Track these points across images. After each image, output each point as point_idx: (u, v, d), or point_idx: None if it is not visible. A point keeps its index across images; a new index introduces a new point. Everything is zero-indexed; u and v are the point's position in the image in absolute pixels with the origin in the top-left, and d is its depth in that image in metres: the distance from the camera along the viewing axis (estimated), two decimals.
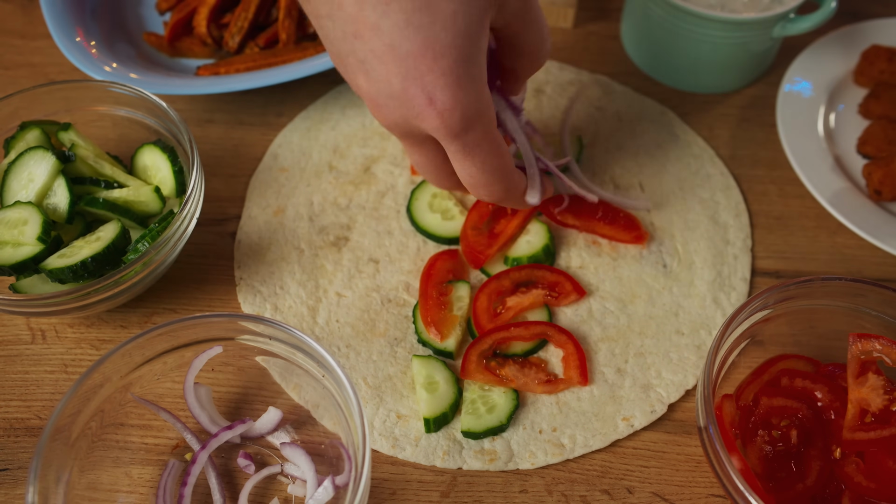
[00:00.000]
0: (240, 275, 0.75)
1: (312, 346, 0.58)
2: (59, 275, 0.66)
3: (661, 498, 0.64)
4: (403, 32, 0.50)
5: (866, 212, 0.77)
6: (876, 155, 0.81)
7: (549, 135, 0.84)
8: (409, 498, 0.63)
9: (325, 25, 0.53)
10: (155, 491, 0.62)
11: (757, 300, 0.62)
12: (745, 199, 0.81)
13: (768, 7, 0.81)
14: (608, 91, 0.89)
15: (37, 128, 0.74)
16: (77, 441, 0.58)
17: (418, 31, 0.50)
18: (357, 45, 0.52)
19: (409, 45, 0.50)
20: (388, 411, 0.67)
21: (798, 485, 0.61)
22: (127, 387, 0.61)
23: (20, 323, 0.72)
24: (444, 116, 0.53)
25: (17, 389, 0.68)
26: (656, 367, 0.70)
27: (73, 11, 0.86)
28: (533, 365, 0.69)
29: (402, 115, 0.54)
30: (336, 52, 0.55)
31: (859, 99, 0.86)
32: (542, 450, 0.65)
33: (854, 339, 0.63)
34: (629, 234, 0.76)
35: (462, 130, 0.55)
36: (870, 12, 0.95)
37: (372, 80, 0.53)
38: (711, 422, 0.57)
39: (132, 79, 0.80)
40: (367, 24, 0.50)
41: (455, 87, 0.52)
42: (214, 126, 0.86)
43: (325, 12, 0.52)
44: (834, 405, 0.63)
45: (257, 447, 0.65)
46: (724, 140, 0.86)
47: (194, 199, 0.68)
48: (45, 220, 0.68)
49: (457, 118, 0.54)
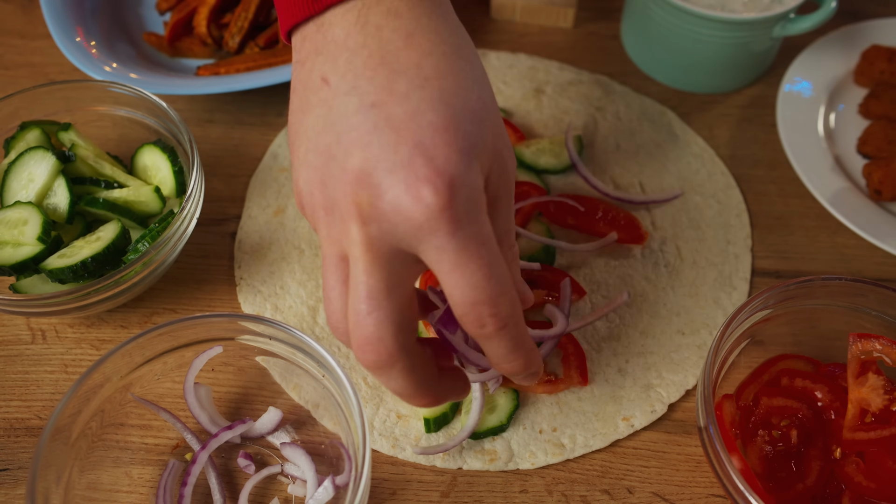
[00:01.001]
0: (240, 275, 0.75)
1: (312, 346, 0.58)
2: (59, 275, 0.66)
3: (662, 498, 0.64)
4: (434, 105, 0.46)
5: (866, 212, 0.77)
6: (876, 155, 0.81)
7: (549, 135, 0.84)
8: (409, 498, 0.63)
9: (340, 104, 0.47)
10: (155, 491, 0.62)
11: (757, 300, 0.62)
12: (745, 199, 0.81)
13: (768, 7, 0.81)
14: (608, 91, 0.89)
15: (37, 128, 0.74)
16: (77, 441, 0.58)
17: (448, 109, 0.46)
18: (372, 113, 0.46)
19: (434, 116, 0.46)
20: (388, 411, 0.67)
21: (798, 485, 0.61)
22: (127, 387, 0.61)
23: (20, 323, 0.72)
24: (448, 194, 0.44)
25: (17, 389, 0.68)
26: (657, 367, 0.70)
27: (72, 11, 0.86)
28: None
29: (397, 193, 0.45)
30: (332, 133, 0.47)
31: (859, 99, 0.86)
32: (542, 450, 0.65)
33: (854, 339, 0.63)
34: (629, 233, 0.76)
35: (465, 218, 0.45)
36: (870, 12, 0.95)
37: (373, 151, 0.45)
38: (711, 422, 0.57)
39: (132, 79, 0.80)
40: (396, 94, 0.46)
41: (466, 166, 0.45)
42: (214, 126, 0.86)
43: (345, 90, 0.47)
44: (834, 405, 0.63)
45: (257, 447, 0.65)
46: (724, 140, 0.86)
47: (194, 199, 0.68)
48: (45, 220, 0.68)
49: (461, 200, 0.45)
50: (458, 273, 0.45)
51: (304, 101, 0.49)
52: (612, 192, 0.79)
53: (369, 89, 0.46)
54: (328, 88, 0.47)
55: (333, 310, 0.50)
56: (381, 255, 0.46)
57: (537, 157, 0.81)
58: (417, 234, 0.45)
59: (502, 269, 0.47)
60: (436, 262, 0.46)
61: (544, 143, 0.82)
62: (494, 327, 0.47)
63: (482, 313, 0.47)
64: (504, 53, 0.92)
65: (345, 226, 0.46)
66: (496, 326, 0.47)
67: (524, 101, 0.87)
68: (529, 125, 0.85)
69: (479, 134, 0.47)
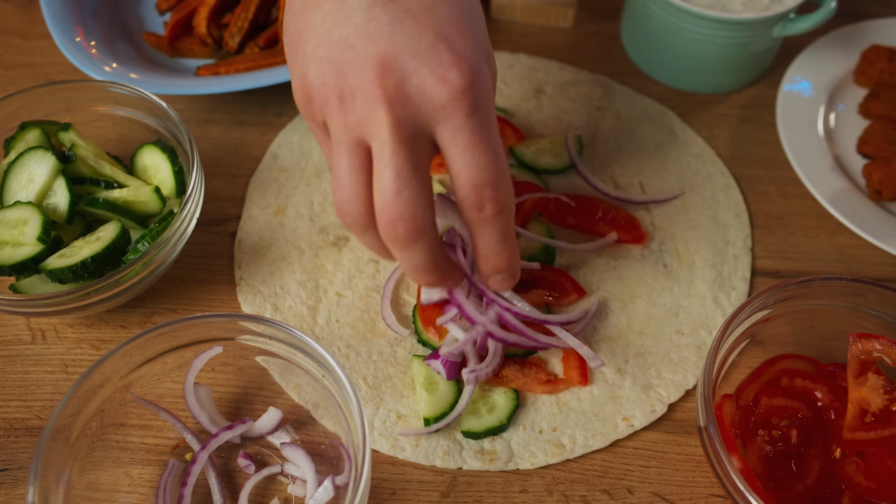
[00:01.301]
0: (240, 275, 0.75)
1: (312, 346, 0.58)
2: (59, 275, 0.66)
3: (662, 498, 0.64)
4: (445, 0, 0.50)
5: (866, 212, 0.77)
6: (876, 155, 0.81)
7: (548, 135, 0.84)
8: (409, 498, 0.63)
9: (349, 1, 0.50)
10: (155, 491, 0.62)
11: (757, 300, 0.62)
12: (745, 199, 0.81)
13: (768, 7, 0.81)
14: (608, 91, 0.89)
15: (37, 128, 0.74)
16: (77, 441, 0.58)
17: (458, 4, 0.51)
18: (390, 6, 0.50)
19: (448, 10, 0.50)
20: (388, 411, 0.67)
21: (798, 485, 0.61)
22: (127, 387, 0.61)
23: (20, 323, 0.72)
24: (471, 78, 0.49)
25: (17, 389, 0.68)
26: (656, 367, 0.70)
27: (72, 11, 0.86)
28: (533, 365, 0.69)
29: (423, 75, 0.49)
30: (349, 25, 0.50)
31: (859, 99, 0.86)
32: (542, 450, 0.65)
33: (854, 339, 0.63)
34: (629, 234, 0.76)
35: (482, 103, 0.50)
36: (870, 12, 0.95)
37: (396, 39, 0.49)
38: (711, 422, 0.57)
39: (132, 79, 0.80)
40: None
41: (482, 58, 0.51)
42: (214, 126, 0.86)
43: None
44: (834, 405, 0.63)
45: (257, 447, 0.65)
46: (723, 140, 0.86)
47: (194, 199, 0.68)
48: (45, 220, 0.68)
49: (480, 85, 0.50)
50: (469, 154, 0.50)
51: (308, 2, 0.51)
52: (612, 192, 0.79)
53: None
54: None
55: (347, 196, 0.52)
56: (406, 136, 0.50)
57: (537, 157, 0.81)
58: (438, 114, 0.49)
59: (504, 159, 0.51)
60: (450, 141, 0.50)
61: (544, 143, 0.82)
62: (492, 211, 0.51)
63: (484, 196, 0.51)
64: (504, 53, 0.92)
65: (369, 110, 0.49)
66: (494, 211, 0.52)
67: (524, 101, 0.87)
68: (529, 125, 0.85)
69: (483, 30, 0.52)
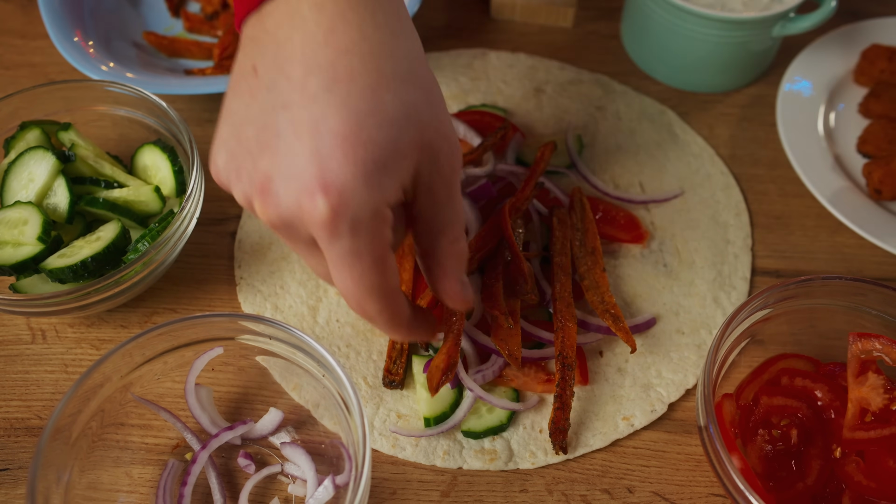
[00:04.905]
0: (240, 274, 0.75)
1: (313, 346, 0.58)
2: (59, 275, 0.66)
3: (662, 497, 0.64)
4: (338, 111, 0.46)
5: (866, 211, 0.77)
6: (876, 154, 0.81)
7: (548, 135, 0.84)
8: (409, 498, 0.63)
9: (261, 99, 0.48)
10: (155, 491, 0.62)
11: (757, 299, 0.62)
12: (745, 199, 0.81)
13: (768, 6, 0.81)
14: (608, 90, 0.89)
15: (37, 128, 0.74)
16: (77, 441, 0.58)
17: (353, 116, 0.46)
18: (283, 115, 0.47)
19: (337, 123, 0.45)
20: (389, 411, 0.67)
21: (798, 484, 0.61)
22: (127, 387, 0.61)
23: (20, 323, 0.72)
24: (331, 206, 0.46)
25: (17, 389, 0.68)
26: (656, 367, 0.70)
27: (71, 11, 0.86)
28: (533, 364, 0.69)
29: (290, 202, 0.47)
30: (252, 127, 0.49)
31: (859, 98, 0.86)
32: (542, 449, 0.65)
33: (854, 339, 0.63)
34: (629, 233, 0.76)
35: (347, 232, 0.47)
36: (870, 11, 0.95)
37: (276, 157, 0.47)
38: (712, 421, 0.57)
39: (132, 79, 0.80)
40: (306, 94, 0.46)
41: (361, 181, 0.46)
42: (214, 126, 0.85)
43: (267, 84, 0.48)
44: (834, 404, 0.63)
45: (257, 447, 0.65)
46: (723, 139, 0.86)
47: (194, 198, 0.68)
48: (45, 220, 0.68)
49: (344, 215, 0.46)
50: (335, 272, 0.50)
51: (236, 83, 0.51)
52: (612, 191, 0.79)
53: (284, 88, 0.47)
54: (255, 78, 0.49)
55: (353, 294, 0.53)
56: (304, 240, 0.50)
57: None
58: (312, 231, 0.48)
59: (376, 279, 0.50)
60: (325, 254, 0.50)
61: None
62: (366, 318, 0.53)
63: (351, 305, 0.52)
64: (504, 53, 0.92)
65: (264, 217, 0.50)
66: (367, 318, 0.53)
67: (524, 101, 0.87)
68: (529, 125, 0.85)
69: (391, 139, 0.47)
